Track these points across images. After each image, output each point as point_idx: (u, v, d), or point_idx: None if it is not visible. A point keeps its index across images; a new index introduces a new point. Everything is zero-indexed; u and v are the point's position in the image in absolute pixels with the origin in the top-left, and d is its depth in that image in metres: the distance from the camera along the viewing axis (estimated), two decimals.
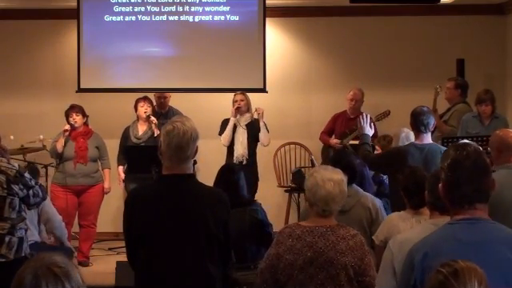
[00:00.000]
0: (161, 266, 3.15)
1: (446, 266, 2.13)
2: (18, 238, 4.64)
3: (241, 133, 7.25)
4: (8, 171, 4.61)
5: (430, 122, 5.17)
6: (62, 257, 2.00)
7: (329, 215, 3.49)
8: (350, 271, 3.37)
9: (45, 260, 1.96)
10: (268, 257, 3.52)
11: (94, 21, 7.89)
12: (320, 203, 3.47)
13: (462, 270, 2.10)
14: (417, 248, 2.45)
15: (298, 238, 3.44)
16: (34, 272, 1.92)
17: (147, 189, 3.44)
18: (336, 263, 3.37)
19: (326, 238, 3.42)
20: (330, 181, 3.47)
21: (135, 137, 7.32)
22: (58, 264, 1.95)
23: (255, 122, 7.33)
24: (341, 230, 3.46)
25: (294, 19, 8.58)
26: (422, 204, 3.93)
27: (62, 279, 1.92)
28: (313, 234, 3.43)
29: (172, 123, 3.20)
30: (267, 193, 7.89)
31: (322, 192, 3.46)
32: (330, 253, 3.38)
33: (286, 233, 3.50)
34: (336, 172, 3.56)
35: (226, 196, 3.31)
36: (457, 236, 2.41)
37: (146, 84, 7.83)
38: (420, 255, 2.40)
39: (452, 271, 2.10)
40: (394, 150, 5.53)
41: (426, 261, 2.35)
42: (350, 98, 7.83)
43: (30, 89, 8.57)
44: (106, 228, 7.99)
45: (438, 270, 2.14)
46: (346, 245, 3.40)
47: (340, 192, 3.48)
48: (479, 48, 8.40)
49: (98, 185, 7.21)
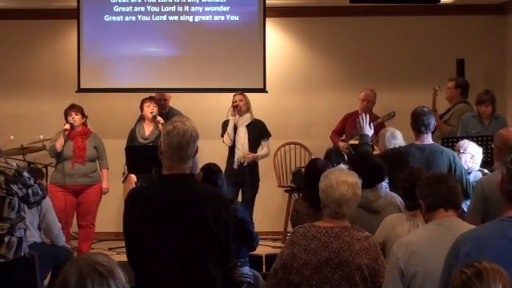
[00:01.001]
0: (161, 265, 3.15)
1: (470, 266, 2.12)
2: (17, 238, 4.64)
3: (242, 133, 7.24)
4: (6, 171, 4.61)
5: (431, 122, 5.16)
6: (105, 256, 2.00)
7: (341, 217, 3.49)
8: (364, 272, 3.37)
9: (89, 259, 1.96)
10: (282, 256, 3.50)
11: (94, 21, 7.89)
12: (333, 205, 3.46)
13: (486, 271, 2.08)
14: (464, 239, 2.43)
15: (312, 237, 3.44)
16: (79, 271, 1.91)
17: (147, 189, 3.45)
18: (351, 264, 3.37)
19: (342, 238, 3.42)
20: (345, 183, 3.46)
21: (142, 137, 7.32)
22: (102, 262, 1.95)
23: (255, 123, 7.33)
24: (355, 231, 3.47)
25: (293, 19, 8.58)
26: (417, 206, 3.92)
27: (107, 277, 1.92)
28: (328, 234, 3.43)
29: (172, 123, 3.20)
30: (267, 193, 7.90)
31: (335, 194, 3.44)
32: (345, 253, 3.38)
33: (301, 233, 3.49)
34: (351, 175, 3.54)
35: (225, 196, 3.31)
36: (506, 233, 2.39)
37: (145, 84, 7.83)
38: (466, 247, 2.38)
39: (476, 272, 2.08)
40: (394, 151, 5.51)
41: (471, 253, 2.33)
42: (361, 98, 7.74)
43: (29, 89, 8.57)
44: (106, 228, 8.00)
45: (461, 270, 2.13)
46: (360, 246, 3.40)
47: (354, 195, 3.47)
48: (479, 48, 8.40)
49: (97, 185, 7.21)
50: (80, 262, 1.95)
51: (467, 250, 2.36)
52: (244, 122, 7.28)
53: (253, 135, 7.27)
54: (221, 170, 4.89)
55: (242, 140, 7.22)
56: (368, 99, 7.74)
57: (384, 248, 4.00)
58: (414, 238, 3.19)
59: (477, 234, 2.43)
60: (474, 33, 8.46)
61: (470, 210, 4.50)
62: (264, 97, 7.94)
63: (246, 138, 7.22)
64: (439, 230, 3.09)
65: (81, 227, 7.24)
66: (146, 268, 3.18)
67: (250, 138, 7.25)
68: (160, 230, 3.16)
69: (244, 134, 7.24)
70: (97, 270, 1.92)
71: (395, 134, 5.82)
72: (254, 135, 7.28)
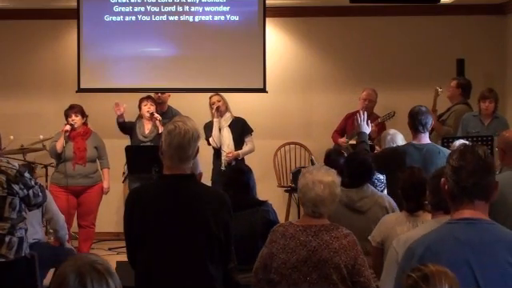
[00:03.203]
0: (161, 266, 3.15)
1: (416, 270, 2.14)
2: (18, 238, 4.64)
3: (226, 134, 7.20)
4: (8, 171, 4.61)
5: (429, 121, 5.15)
6: (99, 256, 2.00)
7: (320, 216, 3.47)
8: (343, 271, 3.35)
9: (86, 258, 1.95)
10: (261, 256, 3.51)
11: (94, 21, 7.89)
12: (309, 204, 3.46)
13: (432, 273, 2.10)
14: (416, 245, 2.45)
15: (291, 237, 3.43)
16: (77, 270, 1.91)
17: (148, 189, 3.44)
18: (330, 263, 3.35)
19: (320, 237, 3.40)
20: (321, 183, 3.44)
21: (142, 135, 7.32)
22: (99, 261, 1.95)
23: (236, 121, 7.29)
24: (334, 229, 3.44)
25: (293, 19, 8.58)
26: (417, 208, 3.92)
27: (106, 276, 1.92)
28: (306, 233, 3.42)
29: (173, 123, 3.20)
30: (267, 193, 7.88)
31: (311, 194, 3.44)
32: (323, 252, 3.36)
33: (280, 232, 3.49)
34: (328, 173, 3.51)
35: (226, 196, 3.30)
36: (455, 235, 2.41)
37: (145, 84, 7.83)
38: (419, 252, 2.40)
39: (422, 275, 2.10)
40: (391, 150, 5.49)
41: (425, 258, 2.34)
42: (363, 97, 7.73)
43: (30, 89, 8.58)
44: (106, 228, 8.00)
45: (408, 274, 2.15)
46: (339, 244, 3.38)
47: (330, 194, 3.45)
48: (479, 48, 8.40)
49: (97, 185, 7.21)
50: (77, 261, 1.94)
51: (421, 257, 2.37)
52: (226, 123, 7.26)
53: (236, 134, 7.22)
54: (251, 171, 4.87)
55: (227, 140, 7.17)
56: (370, 98, 7.73)
57: (383, 247, 4.01)
58: (414, 235, 3.16)
59: (428, 240, 2.44)
60: (474, 33, 8.47)
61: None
62: (264, 97, 7.94)
63: (230, 138, 7.18)
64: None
65: (81, 227, 7.25)
66: (147, 268, 3.18)
67: (234, 137, 7.20)
68: (160, 229, 3.16)
69: (228, 133, 7.20)
70: (95, 268, 1.92)
71: (395, 139, 5.79)
72: (237, 133, 7.24)
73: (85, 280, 1.89)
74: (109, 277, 1.93)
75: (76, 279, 1.90)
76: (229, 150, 7.15)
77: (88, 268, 1.92)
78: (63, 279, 1.91)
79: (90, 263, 1.93)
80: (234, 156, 7.14)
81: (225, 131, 7.20)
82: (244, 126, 7.33)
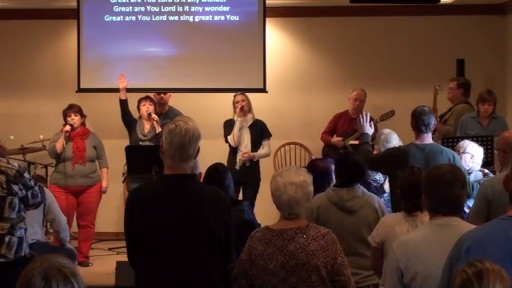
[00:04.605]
0: (161, 265, 3.15)
1: (472, 266, 2.10)
2: (17, 238, 4.63)
3: (245, 134, 7.24)
4: (8, 171, 4.61)
5: (431, 121, 5.16)
6: (65, 258, 2.00)
7: (296, 217, 3.44)
8: (322, 272, 3.33)
9: (52, 261, 1.96)
10: (240, 262, 3.48)
11: (94, 21, 7.89)
12: (284, 207, 3.44)
13: (487, 272, 2.06)
14: (466, 236, 2.42)
15: (268, 242, 3.40)
16: (44, 273, 1.92)
17: (148, 188, 3.43)
18: (307, 265, 3.33)
19: (296, 240, 3.37)
20: (292, 184, 3.41)
21: (141, 133, 7.33)
22: (66, 265, 1.95)
23: (257, 123, 7.33)
24: (311, 230, 3.41)
25: (293, 19, 8.58)
26: (415, 208, 3.92)
27: (72, 280, 1.93)
28: (282, 237, 3.39)
29: (174, 122, 3.20)
30: (267, 193, 7.87)
31: (284, 197, 3.42)
32: (300, 255, 3.34)
33: (257, 237, 3.46)
34: (299, 173, 3.48)
35: (226, 196, 3.30)
36: (507, 232, 2.39)
37: (146, 84, 7.82)
38: (468, 243, 2.37)
39: (476, 272, 2.07)
40: (394, 150, 5.50)
41: (471, 251, 2.32)
42: (353, 97, 7.77)
43: (30, 89, 8.58)
44: (106, 228, 8.00)
45: (463, 268, 2.11)
46: (317, 245, 3.35)
47: (304, 194, 3.42)
48: (479, 48, 8.40)
49: (97, 185, 7.22)
50: (43, 263, 1.95)
51: (468, 249, 2.36)
52: (247, 123, 7.28)
53: (255, 136, 7.26)
54: (228, 170, 4.88)
55: (245, 141, 7.22)
56: (360, 98, 7.78)
57: (382, 248, 4.00)
58: (413, 238, 3.15)
59: (478, 233, 2.43)
60: (474, 33, 8.47)
61: (473, 212, 4.47)
62: (264, 97, 7.94)
63: (249, 139, 7.23)
64: (440, 230, 3.05)
65: (81, 227, 7.25)
66: (147, 267, 3.18)
67: (253, 139, 7.24)
68: (160, 229, 3.16)
69: (247, 134, 7.24)
70: (62, 272, 1.92)
71: (389, 138, 5.82)
72: (256, 136, 7.28)
73: (51, 283, 1.90)
74: (74, 280, 1.93)
75: (42, 282, 1.90)
76: (246, 150, 7.17)
77: (55, 271, 1.92)
78: (28, 281, 1.91)
79: (57, 267, 1.93)
80: (249, 157, 7.18)
81: (244, 131, 7.22)
82: (263, 129, 7.37)
